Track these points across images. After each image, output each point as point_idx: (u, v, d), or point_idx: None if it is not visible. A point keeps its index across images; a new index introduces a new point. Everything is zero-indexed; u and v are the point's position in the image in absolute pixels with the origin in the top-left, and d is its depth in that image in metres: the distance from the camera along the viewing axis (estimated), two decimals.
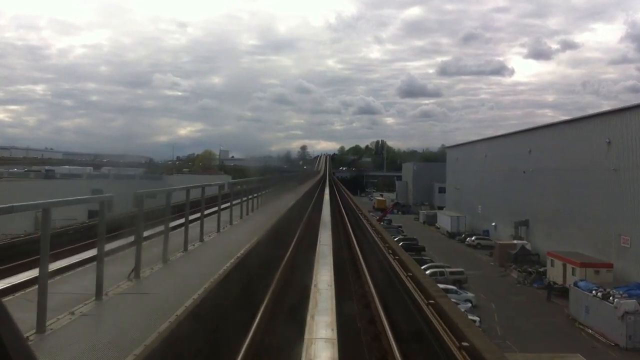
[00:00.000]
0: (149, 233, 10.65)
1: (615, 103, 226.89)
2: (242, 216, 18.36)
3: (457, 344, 7.41)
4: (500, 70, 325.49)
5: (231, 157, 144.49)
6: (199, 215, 12.97)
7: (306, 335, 6.82)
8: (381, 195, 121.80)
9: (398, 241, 37.08)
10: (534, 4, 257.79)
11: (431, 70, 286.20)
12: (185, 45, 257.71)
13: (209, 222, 14.32)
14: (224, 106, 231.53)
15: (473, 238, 66.58)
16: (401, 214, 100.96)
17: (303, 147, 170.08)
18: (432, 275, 32.89)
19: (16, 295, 6.57)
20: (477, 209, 74.46)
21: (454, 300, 16.14)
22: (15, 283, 8.21)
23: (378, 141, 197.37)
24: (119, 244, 10.19)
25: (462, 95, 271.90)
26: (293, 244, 18.30)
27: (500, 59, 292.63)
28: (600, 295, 32.43)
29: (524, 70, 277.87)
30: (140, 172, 72.52)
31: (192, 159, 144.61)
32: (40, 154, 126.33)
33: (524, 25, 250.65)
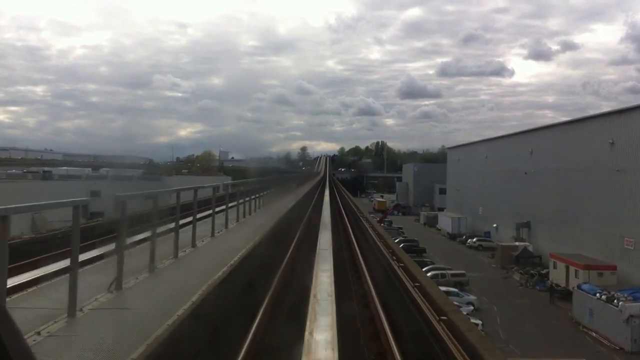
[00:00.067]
0: (138, 238, 10.10)
1: (615, 104, 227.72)
2: (239, 219, 17.81)
3: None
4: (500, 71, 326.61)
5: (231, 158, 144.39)
6: (191, 219, 12.38)
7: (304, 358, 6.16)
8: (381, 196, 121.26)
9: (399, 243, 36.69)
10: (534, 4, 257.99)
11: (431, 71, 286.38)
12: (185, 46, 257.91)
13: (202, 226, 13.80)
14: (224, 107, 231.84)
15: (474, 240, 65.92)
16: (402, 215, 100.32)
17: (303, 148, 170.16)
18: (434, 277, 32.37)
19: None
20: (478, 210, 73.80)
21: (455, 302, 15.45)
22: None
23: (378, 142, 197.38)
24: (107, 249, 9.57)
25: (462, 96, 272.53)
26: (291, 249, 17.71)
27: (500, 59, 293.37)
28: (604, 298, 31.95)
29: (524, 71, 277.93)
30: (139, 174, 71.94)
31: (192, 160, 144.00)
32: (40, 155, 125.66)
33: (524, 26, 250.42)
